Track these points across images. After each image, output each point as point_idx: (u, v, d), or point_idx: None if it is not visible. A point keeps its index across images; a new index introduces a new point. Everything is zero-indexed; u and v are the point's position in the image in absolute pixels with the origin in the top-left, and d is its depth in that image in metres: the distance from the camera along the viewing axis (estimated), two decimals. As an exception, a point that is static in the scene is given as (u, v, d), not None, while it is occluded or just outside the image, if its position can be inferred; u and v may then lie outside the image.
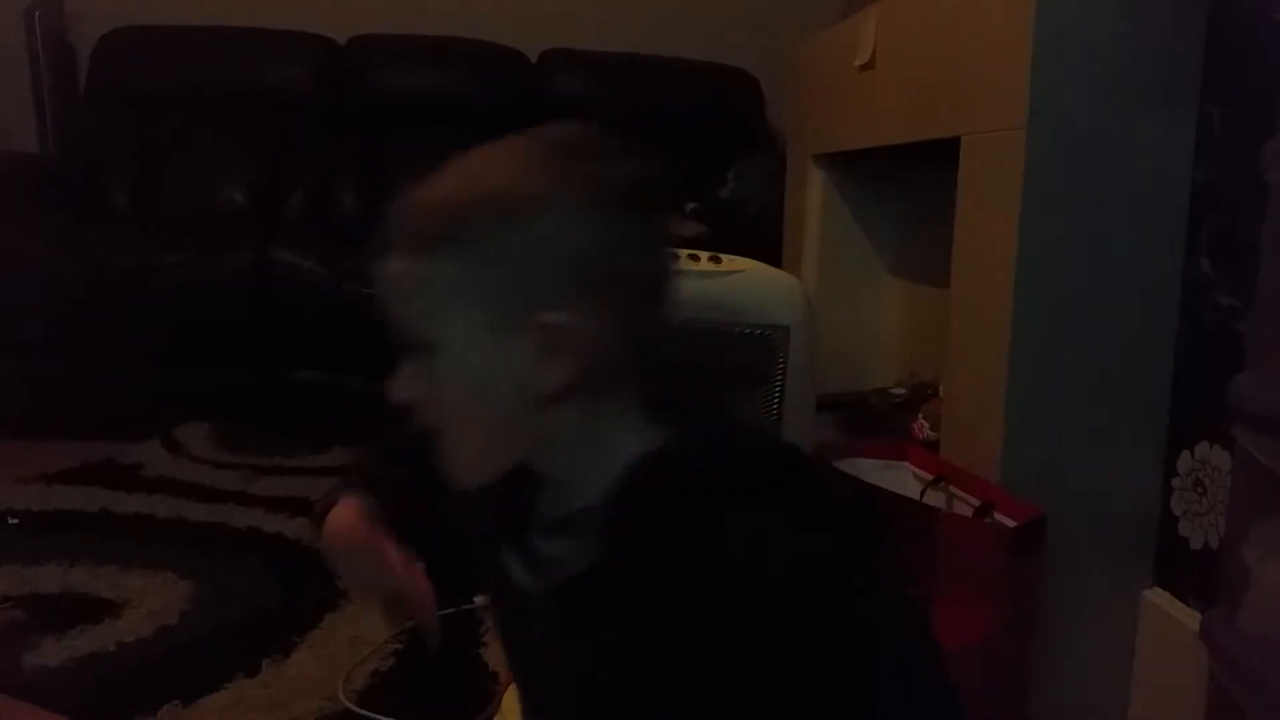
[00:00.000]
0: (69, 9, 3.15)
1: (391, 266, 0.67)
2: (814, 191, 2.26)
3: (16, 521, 1.91)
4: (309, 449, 2.42)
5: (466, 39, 3.19)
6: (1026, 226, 1.31)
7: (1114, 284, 1.34)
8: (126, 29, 3.08)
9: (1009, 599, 1.21)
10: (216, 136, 3.06)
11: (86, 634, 1.47)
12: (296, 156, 3.09)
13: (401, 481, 0.87)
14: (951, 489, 1.39)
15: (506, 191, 0.65)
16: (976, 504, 1.31)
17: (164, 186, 3.00)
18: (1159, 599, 1.37)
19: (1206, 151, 1.31)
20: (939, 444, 1.56)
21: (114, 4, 3.12)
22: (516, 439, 0.70)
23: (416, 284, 0.66)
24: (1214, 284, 1.30)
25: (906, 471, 1.51)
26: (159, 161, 3.02)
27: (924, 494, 1.40)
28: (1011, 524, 1.22)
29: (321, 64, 3.14)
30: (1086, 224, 1.32)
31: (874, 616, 0.63)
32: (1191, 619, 1.27)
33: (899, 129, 1.75)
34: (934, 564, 1.22)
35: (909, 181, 2.17)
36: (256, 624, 1.55)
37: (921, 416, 1.71)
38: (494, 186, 0.66)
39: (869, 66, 1.85)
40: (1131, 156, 1.32)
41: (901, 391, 1.99)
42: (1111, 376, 1.35)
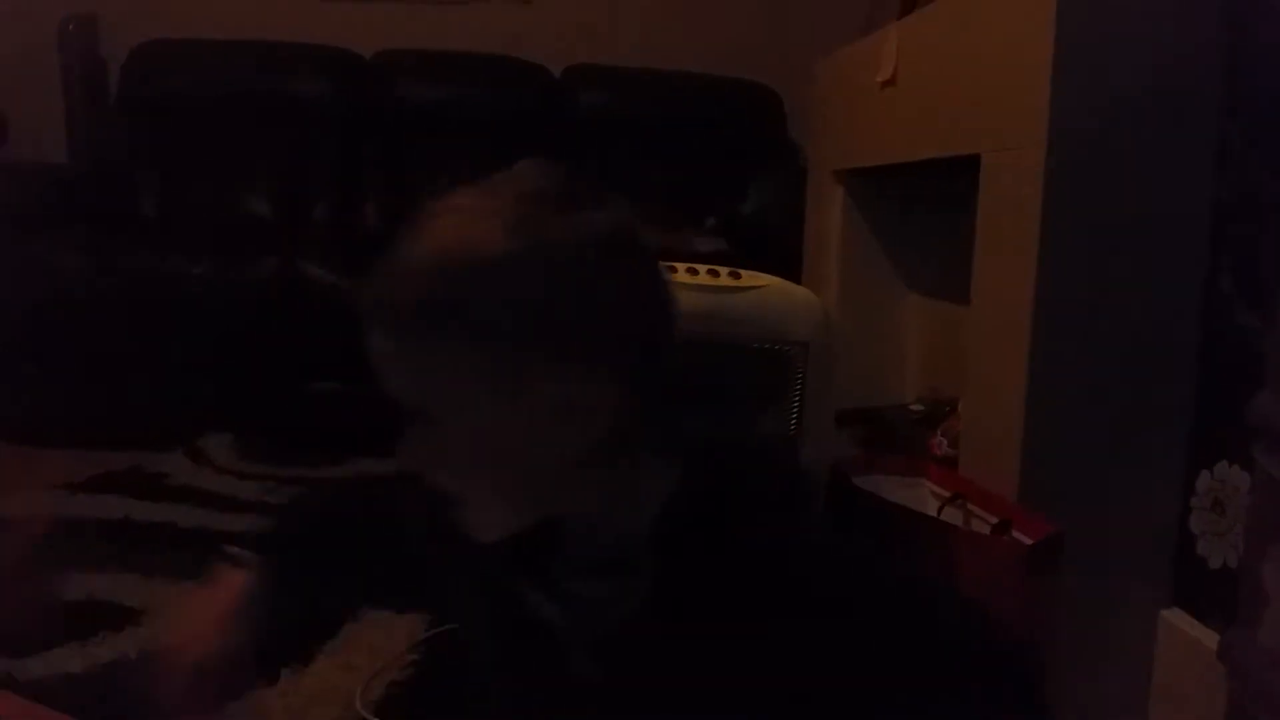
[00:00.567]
0: (102, 23, 3.20)
1: (383, 345, 0.65)
2: (835, 207, 2.26)
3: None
4: (331, 460, 2.44)
5: (490, 54, 3.22)
6: (1046, 244, 1.31)
7: (1134, 302, 1.34)
8: (157, 41, 3.12)
9: (1026, 617, 1.21)
10: (243, 148, 3.10)
11: (109, 641, 1.48)
12: (322, 169, 3.12)
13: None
14: (969, 506, 1.39)
15: (488, 261, 0.63)
16: (994, 521, 1.30)
17: (191, 198, 3.03)
18: (1177, 618, 1.36)
19: (1227, 169, 1.31)
20: (957, 461, 1.55)
21: (146, 17, 3.17)
22: (540, 496, 0.68)
23: (413, 363, 0.65)
24: (1235, 302, 1.30)
25: (924, 488, 1.51)
26: (187, 173, 3.06)
27: (941, 511, 1.40)
28: (1029, 541, 1.22)
29: (347, 77, 3.17)
30: (1106, 242, 1.32)
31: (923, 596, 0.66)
32: (1210, 639, 1.26)
33: (919, 146, 1.76)
34: (951, 581, 1.22)
35: (930, 197, 2.17)
36: (275, 632, 1.55)
37: (940, 433, 1.71)
38: (475, 256, 0.64)
39: (890, 83, 1.85)
40: (1152, 174, 1.32)
41: (920, 408, 1.99)
42: (1131, 395, 1.35)
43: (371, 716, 1.33)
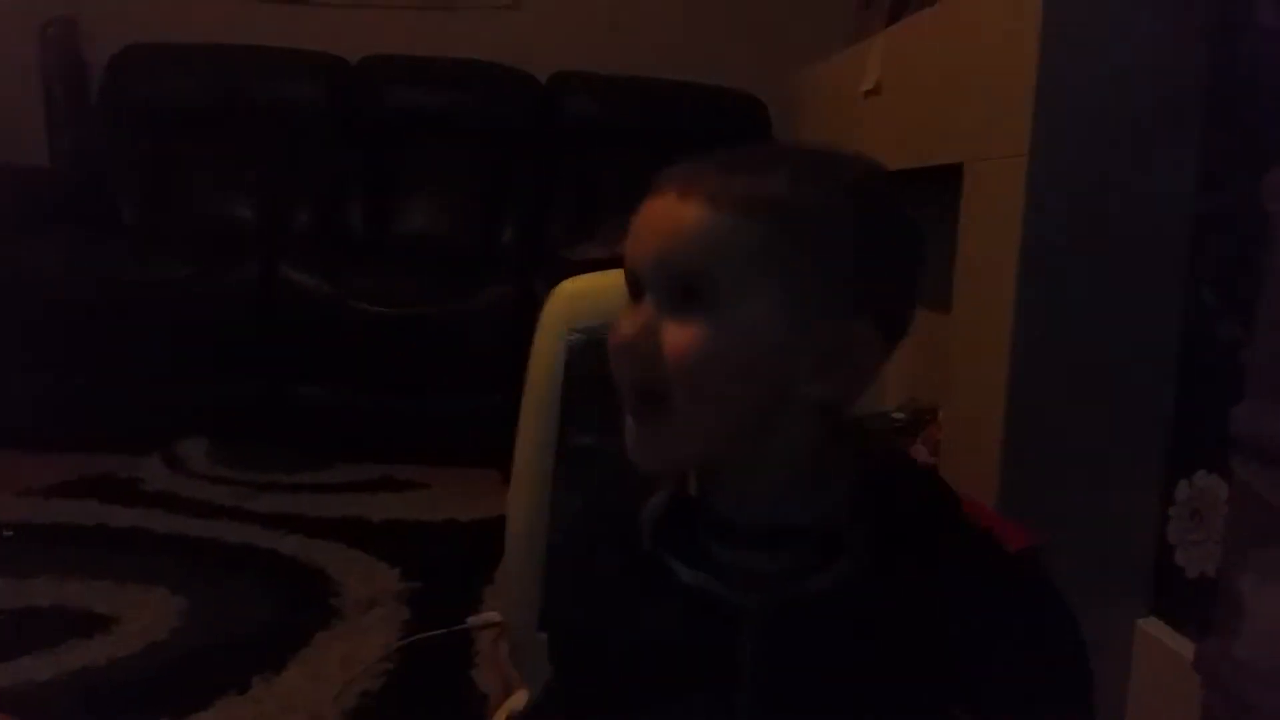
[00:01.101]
0: (83, 26, 3.18)
1: (689, 210, 0.61)
2: (818, 216, 2.26)
3: (11, 534, 1.90)
4: (309, 465, 2.42)
5: (477, 60, 3.21)
6: (1027, 254, 1.31)
7: (1115, 312, 1.33)
8: (139, 46, 3.10)
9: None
10: (227, 153, 3.08)
11: (77, 649, 1.47)
12: (305, 174, 3.10)
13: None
14: (949, 515, 1.38)
15: (853, 188, 0.66)
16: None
17: (173, 202, 3.02)
18: (1154, 628, 1.35)
19: (1209, 181, 1.31)
20: (938, 469, 1.55)
21: (127, 22, 3.15)
22: (745, 433, 0.63)
23: (724, 236, 0.61)
24: (1216, 313, 1.30)
25: (904, 497, 1.50)
26: (168, 177, 3.04)
27: (921, 520, 1.39)
28: (1009, 551, 1.21)
29: (332, 83, 3.16)
30: (1088, 251, 1.32)
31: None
32: (1187, 649, 1.26)
33: (902, 155, 1.75)
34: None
35: (912, 206, 2.17)
36: (247, 641, 1.54)
37: (920, 442, 1.70)
38: (843, 181, 0.66)
39: (874, 93, 1.85)
40: (1133, 185, 1.32)
41: (901, 416, 1.98)
42: (1111, 404, 1.35)
43: (343, 726, 1.31)
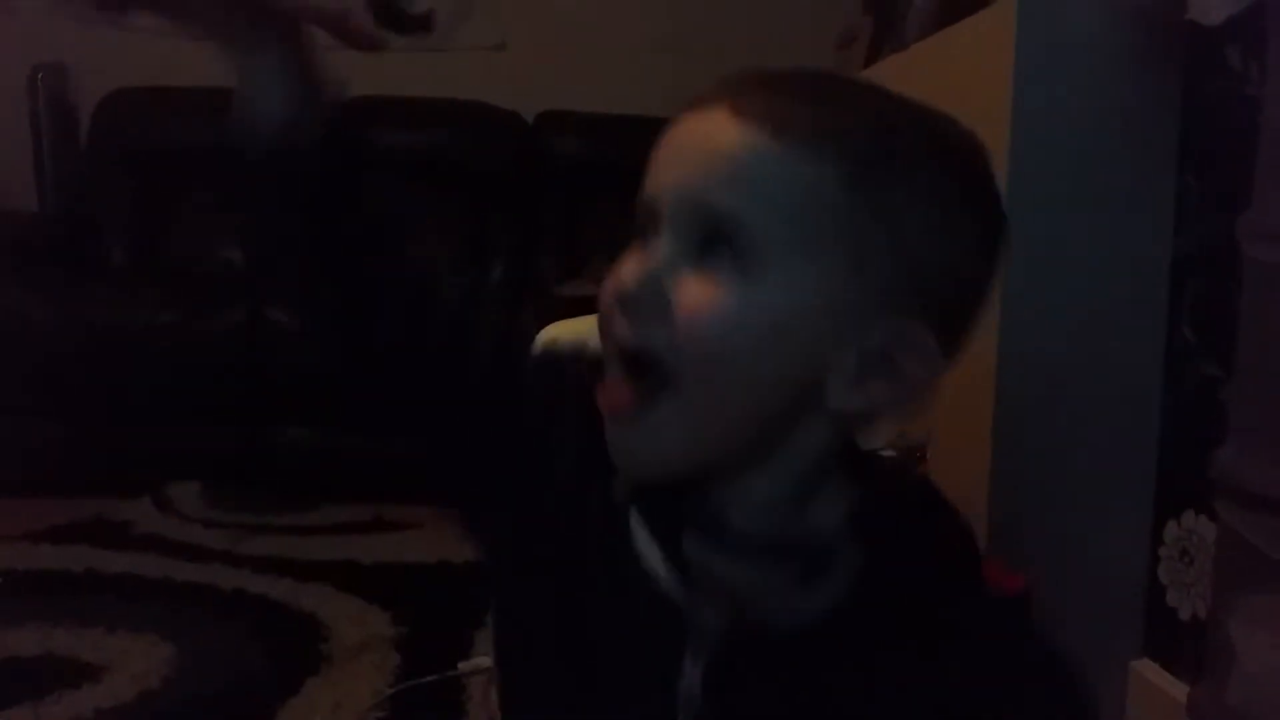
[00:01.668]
0: (72, 71, 3.19)
1: (753, 141, 0.54)
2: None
3: (1, 580, 1.89)
4: (301, 507, 2.41)
5: (464, 101, 3.23)
6: (1009, 294, 1.32)
7: (1097, 351, 1.35)
8: (126, 89, 3.11)
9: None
10: (213, 196, 3.08)
11: (65, 699, 1.45)
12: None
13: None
14: (938, 556, 1.38)
15: (954, 160, 0.56)
16: (962, 572, 1.30)
17: (160, 245, 3.02)
18: (1147, 670, 1.35)
19: (1186, 221, 1.33)
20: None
21: (115, 66, 3.16)
22: (755, 434, 0.55)
23: (796, 188, 0.52)
24: (1197, 352, 1.31)
25: (894, 537, 1.50)
26: (156, 220, 3.04)
27: (911, 561, 1.39)
28: (996, 595, 1.21)
29: (320, 124, 3.17)
30: (1069, 291, 1.34)
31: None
32: (1180, 691, 1.26)
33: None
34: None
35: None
36: (238, 689, 1.53)
37: (910, 481, 1.70)
38: (945, 147, 0.57)
39: (856, 133, 1.87)
40: (1112, 225, 1.34)
41: (891, 453, 1.98)
42: (1097, 444, 1.36)
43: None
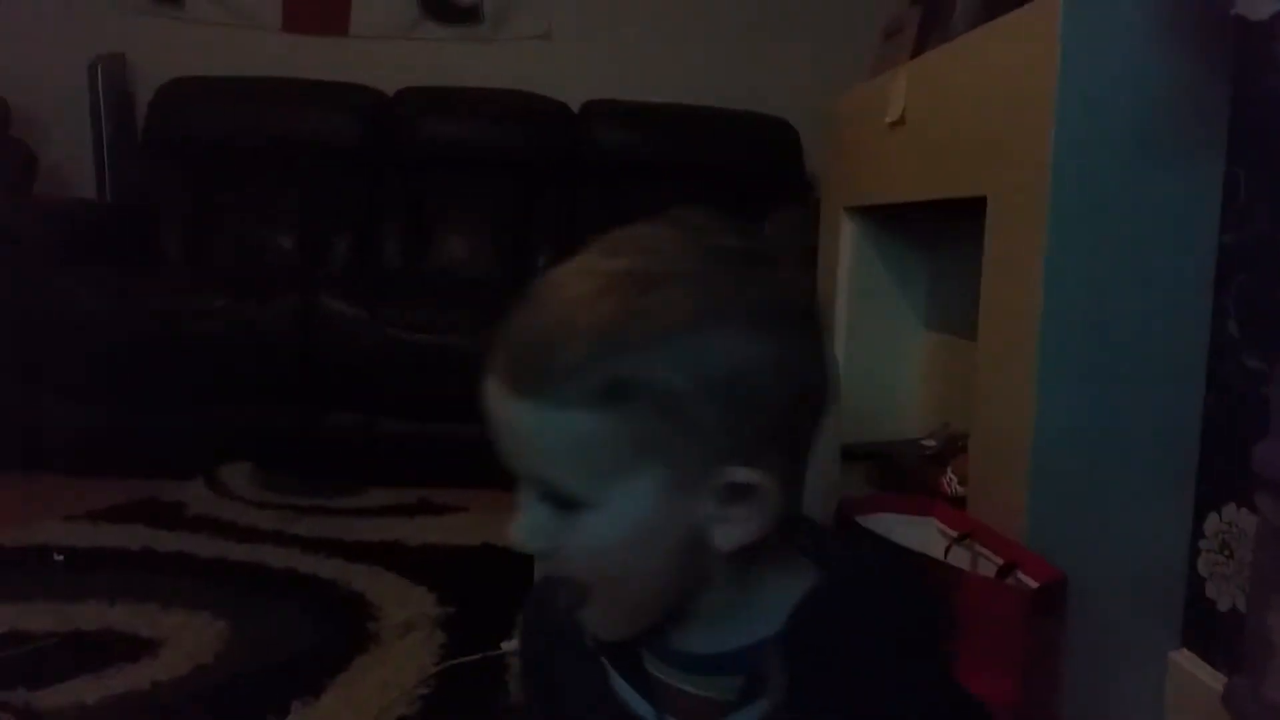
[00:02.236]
0: (130, 61, 3.27)
1: (521, 411, 0.55)
2: (845, 243, 2.28)
3: (62, 558, 1.96)
4: (349, 490, 2.47)
5: (510, 90, 3.26)
6: (1051, 285, 1.32)
7: (1140, 343, 1.34)
8: (184, 79, 3.18)
9: (1031, 661, 1.21)
10: (267, 185, 3.16)
11: (124, 671, 1.50)
12: (344, 205, 3.17)
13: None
14: (977, 547, 1.39)
15: (687, 325, 0.53)
16: (1000, 563, 1.31)
17: (215, 233, 3.10)
18: (1186, 661, 1.35)
19: (1233, 213, 1.31)
20: (966, 499, 1.56)
21: (173, 56, 3.24)
22: (673, 590, 0.61)
23: (573, 439, 0.54)
24: (1241, 346, 1.30)
25: (933, 527, 1.51)
26: (211, 209, 3.13)
27: (949, 551, 1.40)
28: (1033, 585, 1.22)
29: (369, 115, 3.22)
30: (1112, 283, 1.33)
31: None
32: (1218, 681, 1.26)
33: (927, 185, 1.77)
34: (957, 626, 1.22)
35: (938, 234, 2.18)
36: (289, 665, 1.57)
37: (950, 471, 1.71)
38: (668, 320, 0.53)
39: (899, 123, 1.87)
40: (1156, 217, 1.33)
41: (933, 443, 1.99)
42: (1139, 436, 1.35)
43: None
